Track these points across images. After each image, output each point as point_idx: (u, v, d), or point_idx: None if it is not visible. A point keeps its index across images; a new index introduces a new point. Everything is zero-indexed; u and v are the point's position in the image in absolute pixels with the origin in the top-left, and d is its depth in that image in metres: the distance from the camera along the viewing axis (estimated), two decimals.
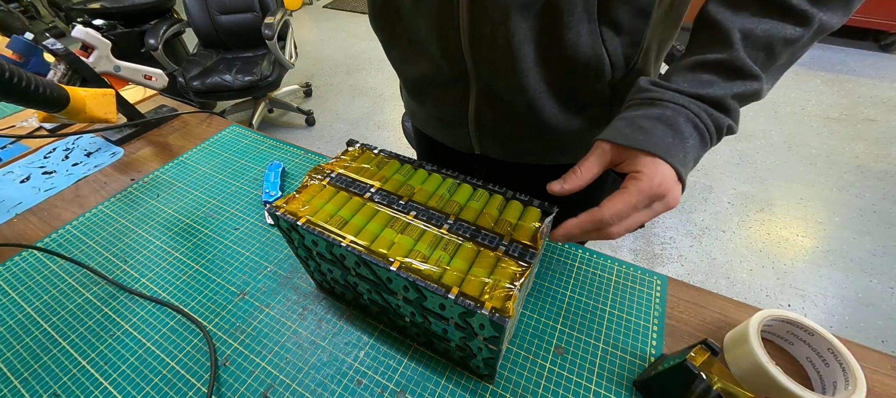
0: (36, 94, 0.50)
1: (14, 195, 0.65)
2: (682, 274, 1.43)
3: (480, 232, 0.36)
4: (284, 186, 0.63)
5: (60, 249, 0.55)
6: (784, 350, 0.40)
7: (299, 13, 3.91)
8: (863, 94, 2.22)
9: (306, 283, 0.49)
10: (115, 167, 0.70)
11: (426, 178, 0.42)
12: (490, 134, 0.53)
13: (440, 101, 0.54)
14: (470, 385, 0.39)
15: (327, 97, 2.58)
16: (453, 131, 0.57)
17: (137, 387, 0.40)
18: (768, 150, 1.93)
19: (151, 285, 0.50)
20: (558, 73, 0.43)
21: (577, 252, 0.51)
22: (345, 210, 0.38)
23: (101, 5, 1.96)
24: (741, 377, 0.36)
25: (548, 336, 0.42)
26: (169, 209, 0.61)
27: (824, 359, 0.36)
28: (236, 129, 0.77)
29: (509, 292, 0.30)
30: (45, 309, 0.48)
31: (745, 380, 0.36)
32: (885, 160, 1.81)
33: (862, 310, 1.29)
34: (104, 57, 0.68)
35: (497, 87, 0.46)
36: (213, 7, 2.00)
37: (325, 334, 0.44)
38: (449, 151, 0.63)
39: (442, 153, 0.65)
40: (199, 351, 0.43)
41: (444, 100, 0.53)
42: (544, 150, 0.54)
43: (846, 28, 2.57)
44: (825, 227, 1.55)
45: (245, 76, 1.86)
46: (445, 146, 0.62)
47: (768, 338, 0.40)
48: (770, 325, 0.38)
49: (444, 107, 0.54)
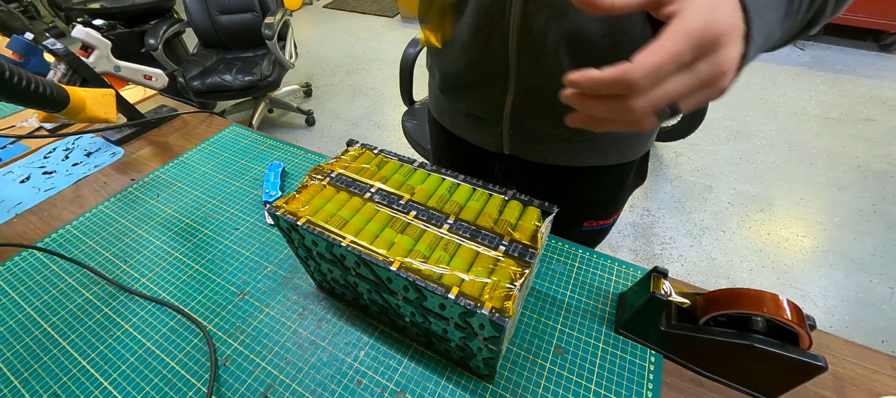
0: (36, 94, 0.50)
1: (14, 195, 0.65)
2: (683, 274, 1.43)
3: (480, 232, 0.36)
4: (284, 186, 0.63)
5: (60, 249, 0.55)
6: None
7: (299, 13, 3.91)
8: (863, 94, 2.22)
9: (306, 283, 0.49)
10: (115, 167, 0.70)
11: (426, 178, 0.42)
12: (523, 133, 0.54)
13: (477, 98, 0.54)
14: (470, 385, 0.39)
15: (327, 97, 2.57)
16: (486, 130, 0.58)
17: (137, 387, 0.40)
18: (768, 150, 1.93)
19: (151, 285, 0.50)
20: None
21: (577, 252, 0.51)
22: (345, 210, 0.38)
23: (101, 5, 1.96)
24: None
25: (548, 336, 0.42)
26: (169, 209, 0.61)
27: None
28: (236, 129, 0.77)
29: (509, 292, 0.30)
30: (45, 309, 0.48)
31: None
32: (885, 160, 1.81)
33: (862, 310, 1.29)
34: (104, 57, 0.68)
35: (538, 83, 0.46)
36: (213, 7, 2.00)
37: (325, 334, 0.44)
38: (470, 150, 0.63)
39: (463, 152, 0.65)
40: (199, 351, 0.43)
41: (482, 97, 0.53)
42: (577, 149, 0.54)
43: (846, 28, 2.58)
44: (825, 227, 1.55)
45: (245, 76, 1.86)
46: (468, 145, 0.63)
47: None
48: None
49: (480, 104, 0.54)
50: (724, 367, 0.37)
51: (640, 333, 0.41)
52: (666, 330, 0.38)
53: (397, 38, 3.23)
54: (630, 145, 0.56)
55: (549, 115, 0.49)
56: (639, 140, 0.56)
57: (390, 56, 2.95)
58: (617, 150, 0.55)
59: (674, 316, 0.38)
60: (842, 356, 0.39)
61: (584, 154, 0.55)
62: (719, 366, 0.37)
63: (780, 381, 0.34)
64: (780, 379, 0.34)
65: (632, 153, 0.57)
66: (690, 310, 0.37)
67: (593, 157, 0.55)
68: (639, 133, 0.54)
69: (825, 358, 0.32)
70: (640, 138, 0.56)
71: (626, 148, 0.56)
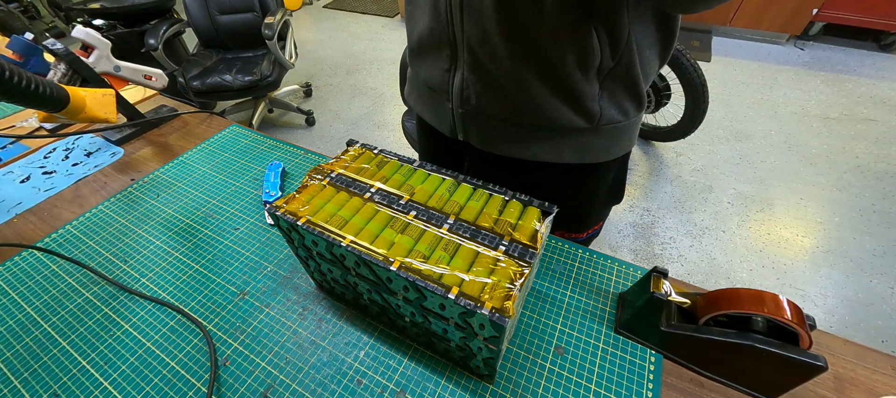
0: (36, 93, 0.50)
1: (14, 195, 0.65)
2: (683, 274, 1.43)
3: (480, 232, 0.36)
4: (284, 186, 0.63)
5: (60, 249, 0.55)
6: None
7: (299, 13, 3.91)
8: (863, 94, 2.22)
9: (306, 283, 0.49)
10: (115, 167, 0.70)
11: (426, 178, 0.42)
12: (472, 112, 0.52)
13: (430, 66, 0.53)
14: (470, 385, 0.39)
15: (327, 97, 2.57)
16: (438, 107, 0.57)
17: (137, 387, 0.40)
18: (768, 150, 1.92)
19: (151, 285, 0.50)
20: (548, 45, 0.42)
21: (577, 252, 0.51)
22: (345, 210, 0.38)
23: (101, 5, 1.95)
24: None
25: (548, 336, 0.42)
26: (169, 209, 0.61)
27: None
28: (236, 129, 0.77)
29: (509, 292, 0.30)
30: (45, 309, 0.48)
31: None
32: (885, 160, 1.81)
33: (862, 310, 1.29)
34: (104, 57, 0.68)
35: (483, 54, 0.45)
36: (213, 7, 2.00)
37: (325, 334, 0.44)
38: (439, 140, 0.63)
39: (435, 144, 0.65)
40: (199, 351, 0.43)
41: (434, 64, 0.52)
42: (528, 137, 0.52)
43: (846, 28, 2.57)
44: (825, 227, 1.55)
45: (245, 76, 1.86)
46: (437, 134, 0.62)
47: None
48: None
49: (432, 72, 0.54)
50: (724, 367, 0.37)
51: (640, 333, 0.41)
52: (666, 330, 0.38)
53: (397, 38, 3.23)
54: (589, 144, 0.51)
55: (496, 90, 0.48)
56: (597, 138, 0.51)
57: (390, 56, 2.95)
58: (571, 146, 0.51)
59: (674, 316, 0.38)
60: (842, 356, 0.39)
61: (536, 145, 0.52)
62: (719, 366, 0.37)
63: (780, 381, 0.34)
64: (780, 379, 0.34)
65: (591, 154, 0.53)
66: (690, 310, 0.37)
67: (546, 152, 0.52)
68: (594, 132, 0.50)
69: (825, 358, 0.32)
70: (599, 137, 0.51)
71: (582, 145, 0.51)
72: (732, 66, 2.57)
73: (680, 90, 1.69)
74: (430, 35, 0.49)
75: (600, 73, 0.44)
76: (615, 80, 0.45)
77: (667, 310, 0.39)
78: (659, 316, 0.38)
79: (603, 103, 0.47)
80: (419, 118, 0.68)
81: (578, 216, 0.62)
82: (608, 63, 0.43)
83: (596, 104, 0.47)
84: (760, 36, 2.79)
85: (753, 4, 2.57)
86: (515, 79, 0.45)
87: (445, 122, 0.57)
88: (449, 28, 0.46)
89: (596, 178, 0.57)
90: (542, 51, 0.42)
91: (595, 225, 0.66)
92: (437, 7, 0.46)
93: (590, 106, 0.47)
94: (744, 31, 2.81)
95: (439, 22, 0.46)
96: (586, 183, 0.58)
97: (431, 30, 0.49)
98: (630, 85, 0.46)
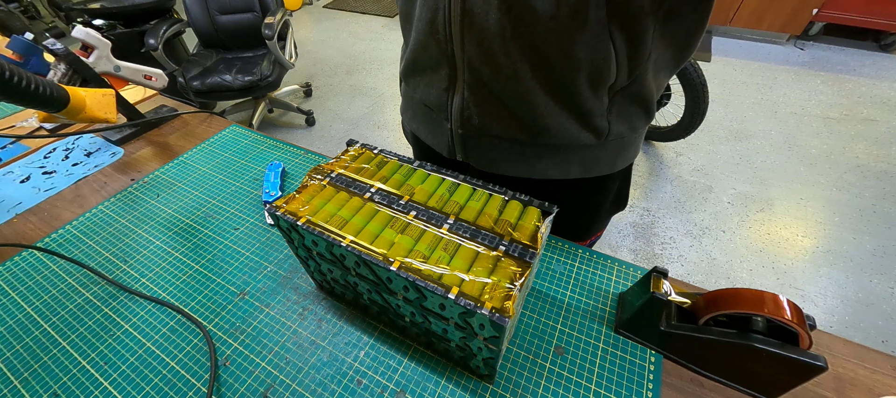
0: (36, 94, 0.50)
1: (14, 195, 0.65)
2: (683, 274, 1.43)
3: (480, 232, 0.36)
4: (284, 186, 0.63)
5: (60, 249, 0.55)
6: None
7: (299, 13, 3.91)
8: (863, 93, 2.22)
9: (306, 283, 0.49)
10: (115, 167, 0.70)
11: (426, 178, 0.42)
12: (473, 133, 0.49)
13: (427, 84, 0.50)
14: (470, 385, 0.39)
15: (327, 97, 2.57)
16: (437, 127, 0.54)
17: (137, 387, 0.40)
18: (768, 150, 1.93)
19: (151, 285, 0.50)
20: (559, 64, 0.40)
21: (577, 252, 0.51)
22: (345, 210, 0.38)
23: (101, 5, 1.95)
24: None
25: (548, 336, 0.42)
26: (169, 209, 0.61)
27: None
28: (236, 129, 0.77)
29: (509, 292, 0.30)
30: (45, 309, 0.48)
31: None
32: (885, 160, 1.81)
33: (862, 310, 1.29)
34: (104, 57, 0.68)
35: (486, 73, 0.42)
36: (213, 7, 2.00)
37: (325, 334, 0.44)
38: (437, 159, 0.60)
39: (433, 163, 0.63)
40: (199, 351, 0.43)
41: (431, 82, 0.49)
42: (532, 156, 0.49)
43: (846, 28, 2.58)
44: (825, 227, 1.55)
45: (245, 76, 1.86)
46: (434, 153, 0.60)
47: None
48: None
49: (429, 91, 0.50)
50: (724, 367, 0.37)
51: (640, 333, 0.41)
52: (666, 330, 0.38)
53: (397, 37, 3.22)
54: (596, 158, 0.49)
55: (500, 112, 0.45)
56: (604, 153, 0.49)
57: (390, 56, 2.95)
58: (578, 162, 0.49)
59: (674, 316, 0.38)
60: (842, 356, 0.39)
61: (542, 163, 0.49)
62: (719, 366, 0.37)
63: (780, 381, 0.34)
64: (780, 379, 0.34)
65: (598, 168, 0.51)
66: (690, 310, 0.37)
67: (552, 169, 0.49)
68: (601, 147, 0.48)
69: (825, 358, 0.32)
70: (606, 151, 0.49)
71: (590, 160, 0.49)
72: (732, 65, 2.57)
73: (680, 90, 1.69)
74: (426, 53, 0.46)
75: (612, 90, 0.42)
76: (626, 96, 0.44)
77: (667, 311, 0.39)
78: (659, 316, 0.38)
79: (612, 119, 0.45)
80: (414, 136, 0.64)
81: (582, 226, 0.61)
82: (623, 82, 0.41)
83: (604, 120, 0.45)
84: (760, 36, 2.79)
85: (753, 4, 2.57)
86: (521, 99, 0.43)
87: (444, 143, 0.54)
88: (448, 46, 0.43)
89: (602, 190, 0.56)
90: (551, 69, 0.40)
91: (598, 232, 0.66)
92: (434, 24, 0.42)
93: (598, 122, 0.45)
94: (744, 31, 2.81)
95: (437, 40, 0.43)
96: (592, 196, 0.56)
97: (428, 48, 0.45)
98: (641, 101, 0.45)
